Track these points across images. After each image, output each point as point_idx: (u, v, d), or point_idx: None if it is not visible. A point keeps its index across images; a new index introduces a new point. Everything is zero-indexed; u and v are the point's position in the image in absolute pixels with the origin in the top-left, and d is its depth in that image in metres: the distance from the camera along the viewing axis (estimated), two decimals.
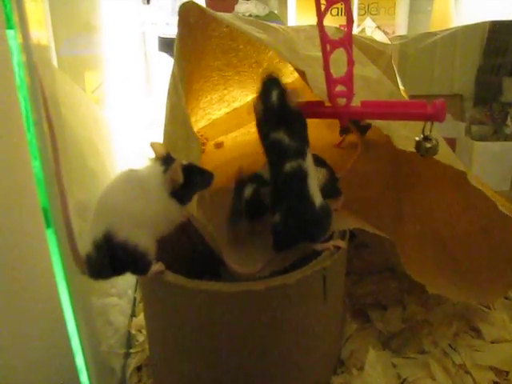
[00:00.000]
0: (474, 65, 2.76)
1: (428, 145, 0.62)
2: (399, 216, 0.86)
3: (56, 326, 0.54)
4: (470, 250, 0.77)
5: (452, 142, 2.75)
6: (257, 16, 1.97)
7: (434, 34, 2.68)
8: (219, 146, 1.22)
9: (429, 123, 0.62)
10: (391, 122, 0.70)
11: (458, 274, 0.75)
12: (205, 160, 1.07)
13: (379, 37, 1.70)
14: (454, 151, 2.64)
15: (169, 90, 0.76)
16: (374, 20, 1.95)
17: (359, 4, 2.39)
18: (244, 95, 1.22)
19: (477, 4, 2.83)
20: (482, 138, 2.70)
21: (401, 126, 0.71)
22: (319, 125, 1.04)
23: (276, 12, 2.22)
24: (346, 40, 0.60)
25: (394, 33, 2.55)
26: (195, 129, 1.23)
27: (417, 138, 0.63)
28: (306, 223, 0.59)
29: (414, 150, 0.64)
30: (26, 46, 0.45)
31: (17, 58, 0.44)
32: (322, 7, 0.59)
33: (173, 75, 0.73)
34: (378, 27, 1.83)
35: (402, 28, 2.72)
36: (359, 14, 2.40)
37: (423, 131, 0.62)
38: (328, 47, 0.61)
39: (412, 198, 0.88)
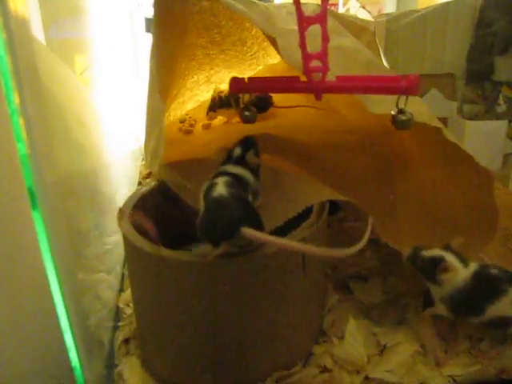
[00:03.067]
0: (466, 44, 2.77)
1: (403, 117, 0.64)
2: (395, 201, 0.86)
3: (44, 306, 0.56)
4: (451, 211, 0.79)
5: (444, 121, 2.76)
6: None
7: (420, 11, 2.68)
8: (207, 127, 1.23)
9: (403, 97, 0.64)
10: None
11: (437, 234, 0.77)
12: (192, 139, 1.09)
13: (363, 15, 1.71)
14: None
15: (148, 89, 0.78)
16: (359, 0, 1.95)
17: None
18: (231, 76, 1.22)
19: None
20: (474, 117, 2.71)
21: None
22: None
23: None
24: (322, 16, 0.61)
25: (380, 11, 2.55)
26: (183, 111, 1.24)
27: (392, 112, 0.65)
28: None
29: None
30: (7, 24, 0.45)
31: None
32: None
33: (151, 73, 0.74)
34: (363, 7, 1.84)
35: (389, 6, 2.72)
36: None
37: (397, 104, 0.64)
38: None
39: (405, 177, 0.89)
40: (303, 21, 0.61)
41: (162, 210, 0.76)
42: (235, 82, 0.75)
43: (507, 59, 2.76)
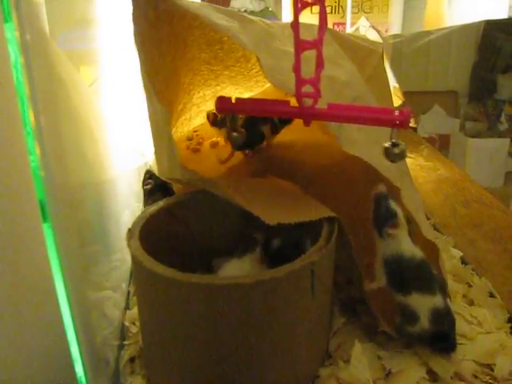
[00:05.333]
0: (469, 62, 2.80)
1: (396, 150, 0.65)
2: None
3: (52, 318, 0.56)
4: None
5: (446, 139, 2.78)
6: (252, 12, 1.99)
7: (429, 33, 2.72)
8: (215, 145, 1.23)
9: (395, 129, 0.65)
10: (344, 124, 0.72)
11: None
12: (201, 158, 1.09)
13: (373, 36, 1.72)
14: (447, 147, 2.66)
15: (147, 101, 0.78)
16: (367, 18, 1.96)
17: (353, 2, 2.40)
18: (238, 93, 1.23)
19: (470, 2, 2.85)
20: (476, 135, 2.73)
21: (354, 129, 0.73)
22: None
23: (271, 9, 2.24)
24: (318, 42, 0.62)
25: (387, 31, 2.57)
26: (190, 127, 1.25)
27: (385, 145, 0.65)
28: None
29: (357, 154, 0.68)
30: (24, 41, 0.46)
31: (14, 53, 0.45)
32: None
33: (145, 85, 0.75)
34: (373, 26, 1.85)
35: (395, 26, 2.74)
36: (352, 12, 2.42)
37: (391, 137, 0.65)
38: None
39: None
40: (299, 45, 0.61)
41: (170, 230, 0.77)
42: (221, 102, 0.74)
43: (510, 78, 2.79)
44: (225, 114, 0.78)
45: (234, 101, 0.73)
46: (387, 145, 0.65)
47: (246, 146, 1.09)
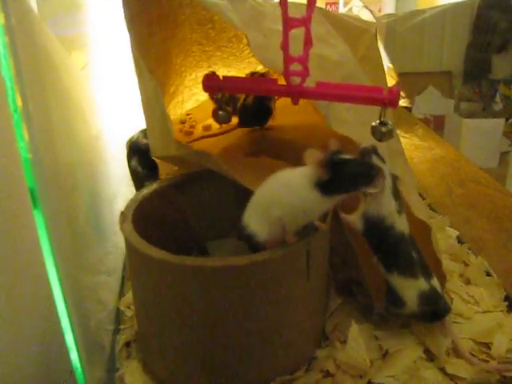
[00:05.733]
0: (463, 42, 2.78)
1: (383, 129, 0.64)
2: None
3: (45, 305, 0.55)
4: None
5: (441, 119, 2.77)
6: None
7: (423, 11, 2.69)
8: (208, 128, 1.22)
9: (384, 108, 0.64)
10: (334, 103, 0.71)
11: None
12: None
13: (366, 16, 1.70)
14: (442, 128, 2.65)
15: (138, 79, 0.76)
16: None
17: None
18: (231, 75, 1.22)
19: None
20: (471, 115, 2.72)
21: (343, 109, 0.72)
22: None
23: None
24: (306, 19, 0.61)
25: (380, 10, 2.55)
26: (183, 110, 1.23)
27: (373, 123, 0.65)
28: None
29: (347, 133, 0.67)
30: (9, 24, 0.45)
31: (1, 40, 0.44)
32: None
33: (136, 62, 0.73)
34: (366, 6, 1.83)
35: (388, 5, 2.72)
36: None
37: (380, 116, 0.64)
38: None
39: None
40: (287, 22, 0.60)
41: (163, 213, 0.76)
42: (209, 80, 0.73)
43: (504, 57, 2.77)
44: (212, 91, 0.77)
45: (221, 78, 0.72)
46: (375, 123, 0.65)
47: (255, 123, 1.09)
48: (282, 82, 0.68)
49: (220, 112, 0.78)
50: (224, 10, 0.70)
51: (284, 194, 0.59)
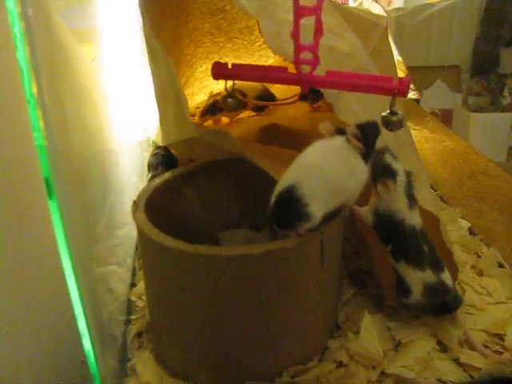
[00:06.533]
0: (472, 36, 2.76)
1: (394, 119, 0.64)
2: None
3: (58, 294, 0.55)
4: None
5: (449, 114, 2.76)
6: None
7: (432, 5, 2.68)
8: (217, 122, 1.22)
9: (394, 98, 0.64)
10: (343, 93, 0.71)
11: None
12: None
13: (376, 9, 1.70)
14: (450, 122, 2.65)
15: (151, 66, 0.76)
16: None
17: None
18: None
19: None
20: (479, 109, 2.71)
21: (353, 100, 0.72)
22: None
23: None
24: (317, 8, 0.60)
25: (389, 4, 2.53)
26: (193, 103, 1.23)
27: (383, 114, 0.64)
28: None
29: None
30: (25, 14, 0.45)
31: (18, 27, 0.44)
32: None
33: (149, 49, 0.73)
34: (376, 0, 1.83)
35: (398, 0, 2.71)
36: None
37: (390, 106, 0.64)
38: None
39: None
40: (298, 11, 0.60)
41: (174, 203, 0.76)
42: (218, 67, 0.73)
43: None
44: (221, 79, 0.77)
45: (230, 66, 0.72)
46: (385, 113, 0.65)
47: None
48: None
49: (229, 99, 0.78)
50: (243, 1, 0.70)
51: (345, 171, 0.60)
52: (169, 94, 0.74)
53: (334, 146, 0.61)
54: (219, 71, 0.72)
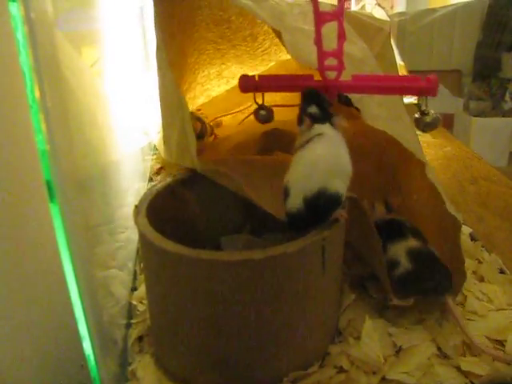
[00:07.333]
0: (473, 40, 2.77)
1: (427, 119, 0.63)
2: (397, 188, 0.86)
3: (59, 297, 0.55)
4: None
5: (450, 118, 2.76)
6: None
7: (434, 10, 2.68)
8: (218, 125, 1.22)
9: (426, 98, 0.64)
10: (365, 97, 0.70)
11: None
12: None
13: (379, 14, 1.70)
14: (451, 127, 2.65)
15: (159, 76, 0.76)
16: None
17: None
18: (243, 72, 1.21)
19: None
20: (481, 114, 2.71)
21: (375, 104, 0.72)
22: None
23: None
24: (338, 13, 0.60)
25: (392, 7, 2.54)
26: (194, 106, 1.23)
27: (416, 115, 0.64)
28: None
29: (382, 128, 0.65)
30: (29, 19, 0.45)
31: (21, 31, 0.44)
32: None
33: (160, 60, 0.73)
34: (379, 4, 1.83)
35: (400, 3, 2.71)
36: None
37: (419, 107, 0.63)
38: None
39: (405, 171, 0.89)
40: (320, 17, 0.60)
41: (175, 208, 0.76)
42: (245, 80, 0.73)
43: None
44: (249, 92, 0.77)
45: (257, 78, 0.72)
46: (417, 115, 0.64)
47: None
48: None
49: (261, 111, 0.78)
50: (254, 8, 0.70)
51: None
52: (175, 116, 0.74)
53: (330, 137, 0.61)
54: (247, 84, 0.72)
